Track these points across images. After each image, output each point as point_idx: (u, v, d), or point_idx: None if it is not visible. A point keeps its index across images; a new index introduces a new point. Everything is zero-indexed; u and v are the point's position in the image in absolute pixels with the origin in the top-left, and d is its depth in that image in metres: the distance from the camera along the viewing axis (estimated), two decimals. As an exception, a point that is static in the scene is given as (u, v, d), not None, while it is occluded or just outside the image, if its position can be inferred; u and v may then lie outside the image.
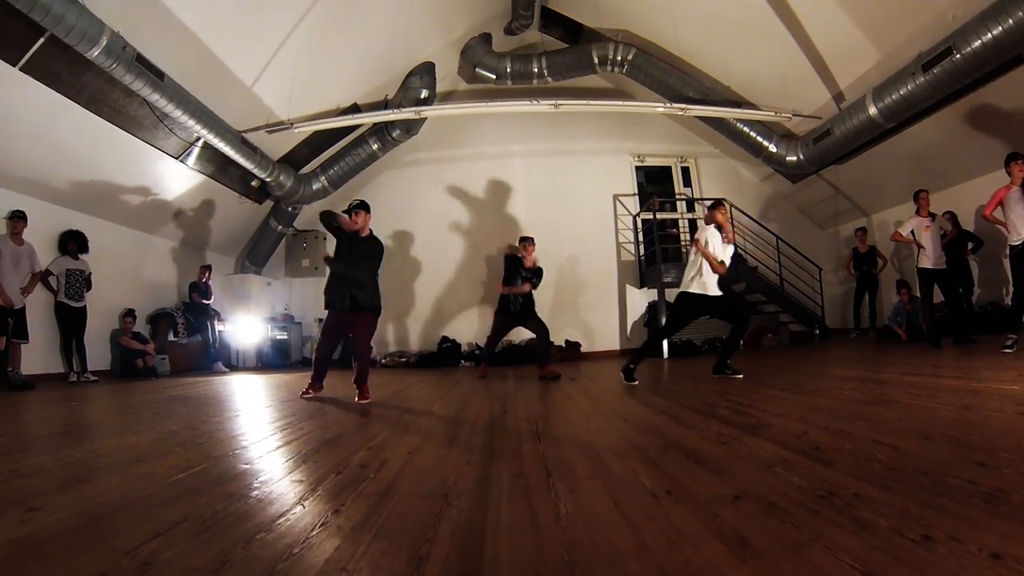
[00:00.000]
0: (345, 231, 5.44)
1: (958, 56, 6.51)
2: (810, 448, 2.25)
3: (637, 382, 5.47)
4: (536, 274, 7.25)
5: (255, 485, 2.12)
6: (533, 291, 7.26)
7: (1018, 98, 7.17)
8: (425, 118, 10.31)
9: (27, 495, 2.03)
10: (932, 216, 7.40)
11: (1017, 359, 5.02)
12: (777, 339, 10.70)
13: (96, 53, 5.85)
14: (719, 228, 5.67)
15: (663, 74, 10.17)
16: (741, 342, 6.49)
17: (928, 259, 7.20)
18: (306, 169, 10.73)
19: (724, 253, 5.64)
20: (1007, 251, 6.19)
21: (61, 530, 1.63)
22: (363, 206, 5.46)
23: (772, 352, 9.44)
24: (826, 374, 5.34)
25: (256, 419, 4.02)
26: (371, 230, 5.57)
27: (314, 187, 10.67)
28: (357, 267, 5.30)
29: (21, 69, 5.93)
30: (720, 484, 1.87)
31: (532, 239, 7.38)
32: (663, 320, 6.84)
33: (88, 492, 2.08)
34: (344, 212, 5.49)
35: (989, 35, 6.14)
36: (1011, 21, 5.93)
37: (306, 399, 5.22)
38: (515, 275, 7.16)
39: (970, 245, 8.41)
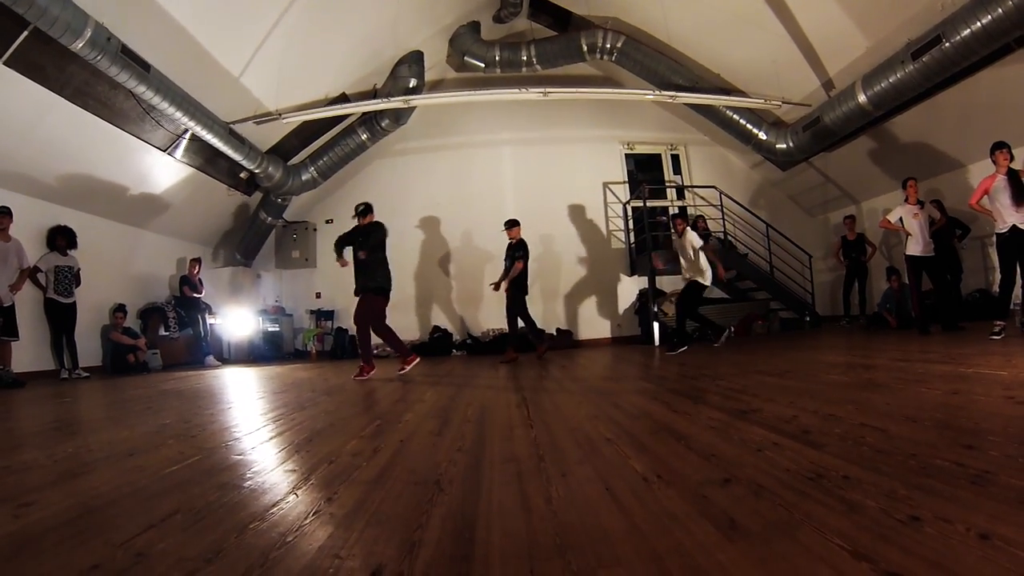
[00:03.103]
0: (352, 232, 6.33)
1: (947, 44, 6.54)
2: (799, 432, 2.27)
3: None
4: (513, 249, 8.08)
5: (248, 476, 2.12)
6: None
7: (1005, 87, 7.21)
8: (414, 107, 10.28)
9: (20, 490, 2.02)
10: (920, 204, 7.43)
11: (1004, 345, 5.07)
12: (767, 326, 10.74)
13: (80, 45, 5.78)
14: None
15: (652, 62, 10.16)
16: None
17: (916, 246, 7.22)
18: (295, 160, 10.69)
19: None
20: (993, 239, 6.24)
21: (55, 524, 1.63)
22: (369, 209, 6.41)
23: (762, 339, 9.48)
24: (816, 360, 5.36)
25: (248, 411, 4.02)
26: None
27: (303, 178, 10.63)
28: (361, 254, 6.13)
29: (5, 64, 5.85)
30: (710, 468, 1.89)
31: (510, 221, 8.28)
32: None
33: (81, 486, 2.08)
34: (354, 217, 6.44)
35: (978, 24, 6.17)
36: (1000, 10, 5.96)
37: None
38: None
39: (958, 232, 8.46)
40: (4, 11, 5.27)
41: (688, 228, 7.60)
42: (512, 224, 8.16)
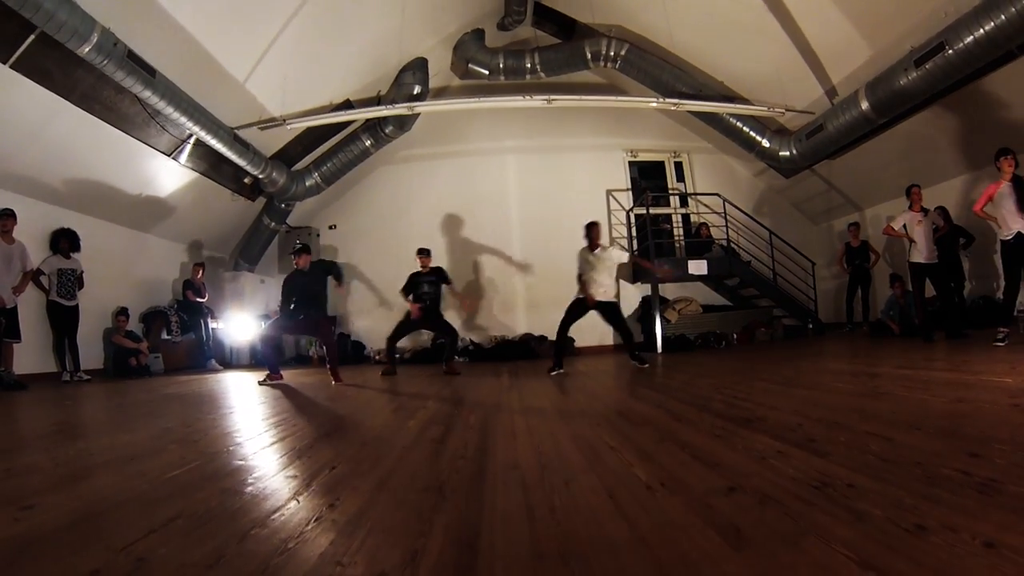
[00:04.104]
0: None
1: (951, 51, 6.53)
2: (804, 440, 2.26)
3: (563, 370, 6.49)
4: (436, 274, 7.77)
5: (250, 481, 2.11)
6: (437, 294, 7.72)
7: (1010, 94, 7.20)
8: (418, 114, 10.29)
9: (21, 493, 2.02)
10: (924, 211, 7.41)
11: (1009, 352, 5.05)
12: (771, 333, 10.72)
13: (87, 50, 5.81)
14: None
15: (656, 69, 10.17)
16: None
17: (920, 253, 7.20)
18: (299, 166, 10.72)
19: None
20: (997, 246, 6.22)
21: (55, 528, 1.62)
22: (305, 249, 6.91)
23: (766, 346, 9.48)
24: (820, 368, 5.36)
25: (250, 416, 4.02)
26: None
27: (307, 184, 10.65)
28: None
29: (11, 67, 5.88)
30: (715, 476, 1.88)
31: (426, 250, 7.97)
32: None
33: (82, 490, 2.08)
34: (290, 253, 7.05)
35: (981, 31, 6.17)
36: (1003, 17, 5.95)
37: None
38: (416, 286, 7.63)
39: (961, 241, 8.44)
40: (11, 15, 5.29)
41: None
42: (428, 252, 7.93)
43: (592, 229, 7.05)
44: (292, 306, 6.72)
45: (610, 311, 6.85)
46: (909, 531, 1.27)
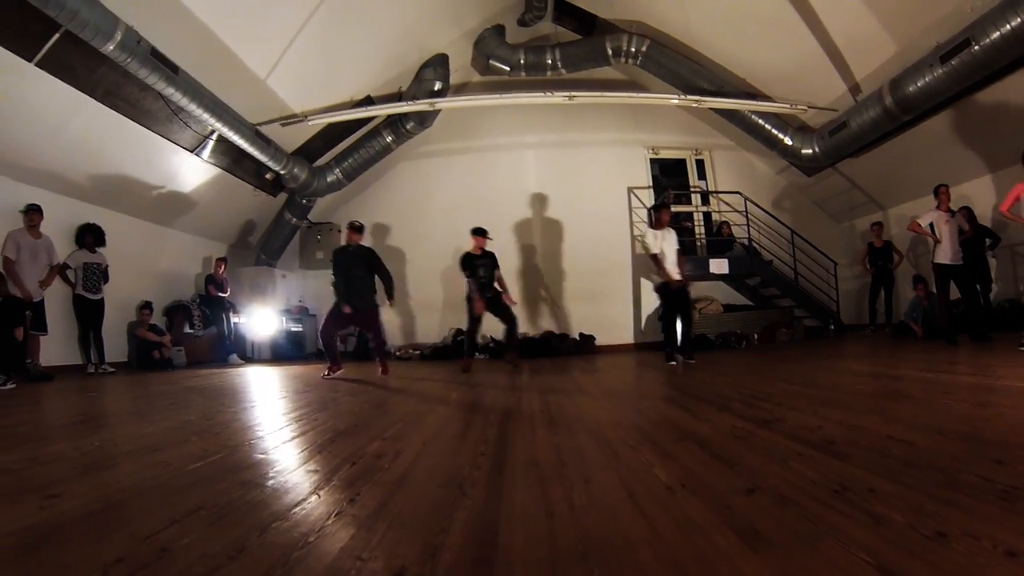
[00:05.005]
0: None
1: (977, 47, 6.43)
2: (824, 442, 2.24)
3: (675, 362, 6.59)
4: (490, 258, 7.57)
5: (271, 474, 2.14)
6: (491, 279, 7.52)
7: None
8: (439, 110, 10.32)
9: (46, 482, 2.06)
10: (951, 212, 7.29)
11: (1035, 356, 4.96)
12: (791, 334, 10.62)
13: (111, 48, 5.91)
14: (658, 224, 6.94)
15: (677, 66, 10.11)
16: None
17: (945, 254, 7.08)
18: (320, 161, 10.80)
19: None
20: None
21: (79, 516, 1.66)
22: (358, 228, 7.14)
23: (786, 347, 9.39)
24: (841, 369, 5.30)
25: (271, 410, 4.06)
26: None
27: (328, 180, 10.74)
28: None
29: (37, 65, 6.00)
30: (734, 477, 1.87)
31: (483, 230, 7.70)
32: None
33: (106, 479, 2.12)
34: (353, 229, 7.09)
35: (1008, 26, 6.07)
36: (1030, 13, 5.86)
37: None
38: (474, 269, 7.39)
39: (988, 241, 8.29)
40: (37, 14, 5.38)
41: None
42: (485, 232, 7.72)
43: (662, 210, 7.11)
44: (338, 291, 6.69)
45: (684, 295, 6.93)
46: (929, 537, 1.26)
